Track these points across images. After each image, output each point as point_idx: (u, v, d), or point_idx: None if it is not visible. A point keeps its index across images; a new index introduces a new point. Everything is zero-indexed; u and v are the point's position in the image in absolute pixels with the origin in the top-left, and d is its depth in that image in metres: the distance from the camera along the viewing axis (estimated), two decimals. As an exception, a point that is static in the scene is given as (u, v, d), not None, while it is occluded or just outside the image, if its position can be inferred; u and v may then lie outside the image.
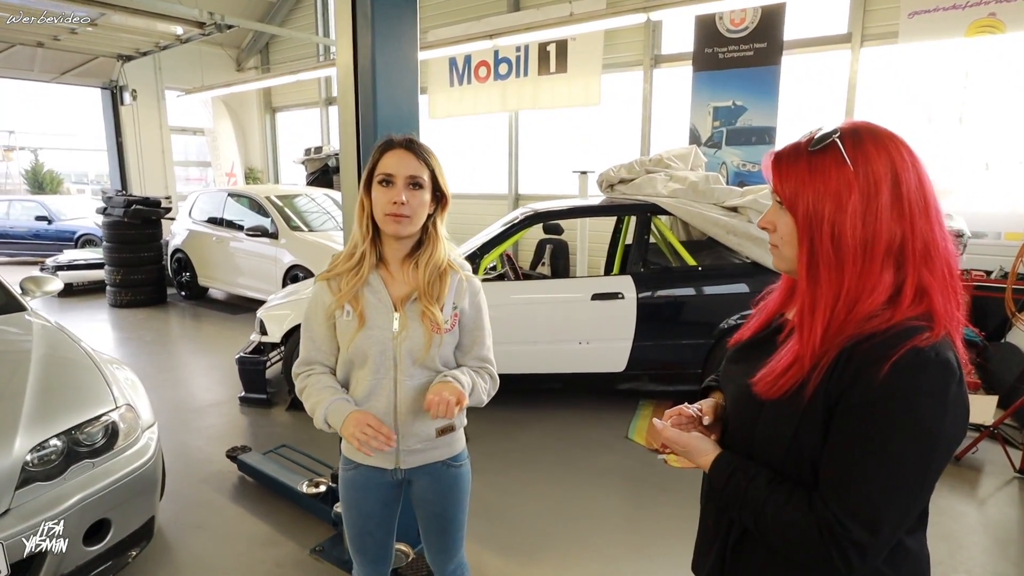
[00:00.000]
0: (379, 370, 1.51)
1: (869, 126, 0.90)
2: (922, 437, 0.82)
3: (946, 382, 0.82)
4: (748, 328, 1.10)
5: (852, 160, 0.87)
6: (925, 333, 0.83)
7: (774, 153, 0.95)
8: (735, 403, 1.04)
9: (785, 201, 0.93)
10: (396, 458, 1.57)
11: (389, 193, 1.43)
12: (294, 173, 11.39)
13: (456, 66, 8.63)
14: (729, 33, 6.51)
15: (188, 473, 3.37)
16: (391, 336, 1.49)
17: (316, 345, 1.56)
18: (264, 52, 11.59)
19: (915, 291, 0.87)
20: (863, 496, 0.83)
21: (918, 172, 0.88)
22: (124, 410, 2.36)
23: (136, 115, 10.04)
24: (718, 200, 4.22)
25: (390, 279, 1.53)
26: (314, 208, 7.37)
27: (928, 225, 0.87)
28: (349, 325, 1.50)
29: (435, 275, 1.51)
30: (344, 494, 1.66)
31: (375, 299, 1.50)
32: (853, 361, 0.85)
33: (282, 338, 4.25)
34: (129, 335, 6.40)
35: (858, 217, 0.86)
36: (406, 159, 1.45)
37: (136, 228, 7.53)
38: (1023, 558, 2.71)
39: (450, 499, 1.66)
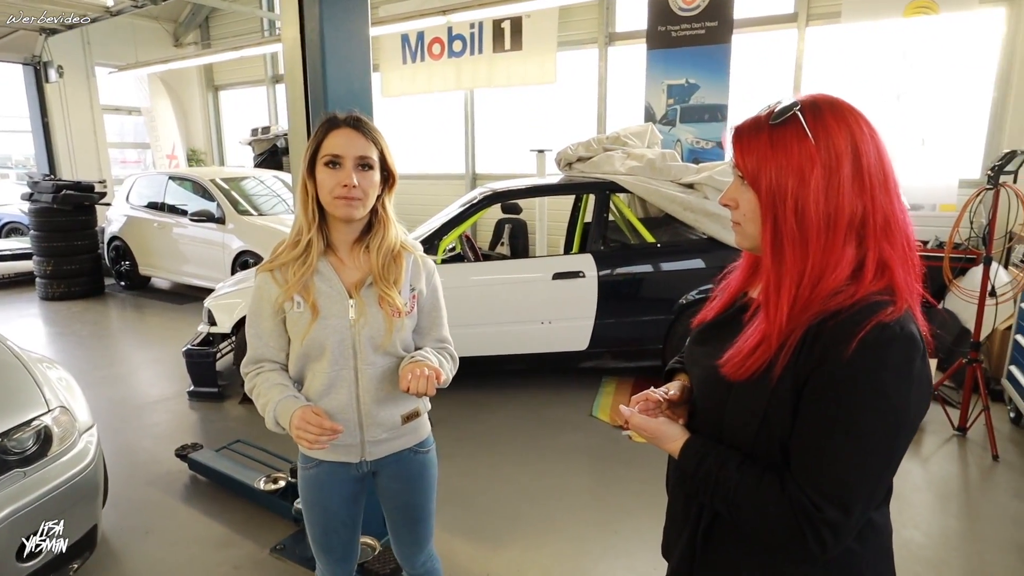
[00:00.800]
0: (338, 361, 1.44)
1: (828, 99, 0.88)
2: (889, 413, 0.81)
3: (911, 356, 0.82)
4: (712, 308, 1.08)
5: (813, 133, 0.85)
6: (889, 308, 0.83)
7: (735, 128, 0.92)
8: (702, 385, 1.02)
9: (747, 176, 0.90)
10: (361, 450, 1.51)
11: (338, 175, 1.35)
12: (240, 155, 10.93)
13: (409, 43, 8.38)
14: (681, 12, 6.52)
15: (133, 475, 3.20)
16: (348, 324, 1.42)
17: (264, 342, 1.47)
18: (204, 26, 11.00)
19: (876, 265, 0.86)
20: (834, 476, 0.82)
21: (877, 145, 0.87)
22: (58, 413, 2.20)
23: (64, 93, 9.39)
24: (675, 177, 4.23)
25: (340, 265, 1.45)
26: (263, 191, 7.08)
27: (888, 198, 0.87)
28: (301, 317, 1.42)
29: (389, 258, 1.45)
30: (305, 494, 1.58)
31: (327, 287, 1.43)
32: (820, 339, 0.83)
33: (232, 328, 4.07)
34: (63, 330, 6.04)
35: (821, 192, 0.85)
36: (354, 138, 1.37)
37: (67, 215, 7.08)
38: (964, 511, 2.86)
39: (418, 487, 1.60)
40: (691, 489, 0.98)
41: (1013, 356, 3.63)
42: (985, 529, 2.71)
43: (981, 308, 3.42)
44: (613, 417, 3.83)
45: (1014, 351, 3.62)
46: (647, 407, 1.06)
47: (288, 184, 7.30)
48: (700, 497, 0.96)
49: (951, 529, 2.71)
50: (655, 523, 1.17)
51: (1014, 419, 3.66)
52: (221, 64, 10.66)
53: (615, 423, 3.75)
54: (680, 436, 0.99)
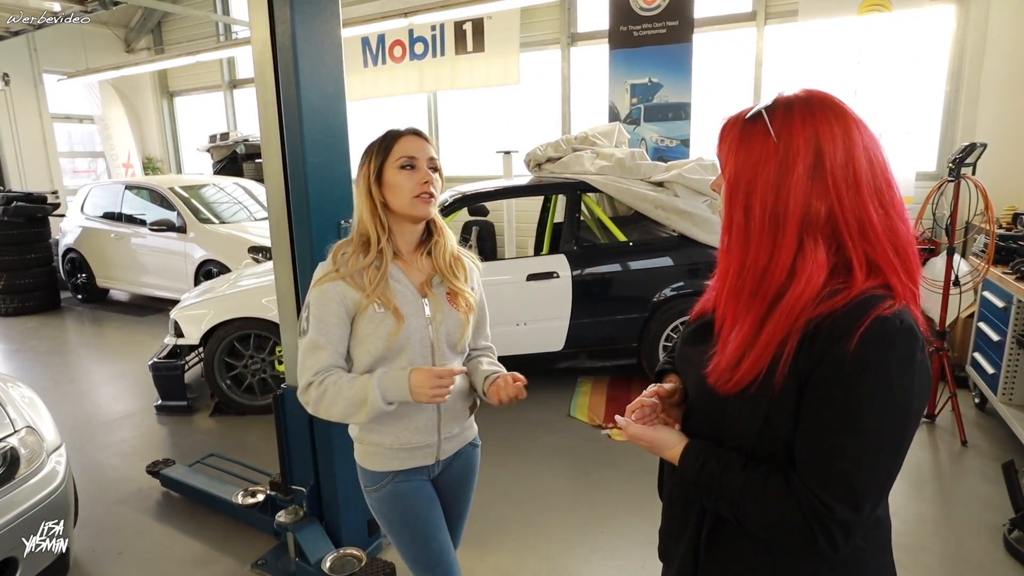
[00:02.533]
0: (415, 360, 1.46)
1: (808, 98, 0.88)
2: (895, 407, 0.81)
3: (912, 349, 0.82)
4: (708, 301, 1.06)
5: (776, 132, 0.86)
6: (887, 301, 0.82)
7: (724, 119, 0.95)
8: (697, 390, 1.00)
9: (721, 166, 0.94)
10: (437, 450, 1.54)
11: (415, 175, 1.42)
12: (198, 162, 10.63)
13: (370, 46, 8.29)
14: (642, 11, 6.60)
15: (103, 495, 3.09)
16: (426, 322, 1.47)
17: (333, 348, 1.42)
18: (157, 32, 10.67)
19: (866, 266, 0.86)
20: (843, 474, 0.82)
21: (848, 146, 0.86)
22: (24, 433, 2.12)
23: (10, 102, 9.01)
24: (644, 175, 4.29)
25: (407, 268, 1.50)
26: (224, 198, 6.91)
27: (859, 200, 0.86)
28: (383, 322, 1.41)
29: (451, 257, 1.53)
30: (392, 512, 1.52)
31: (401, 288, 1.47)
32: (819, 338, 0.83)
33: (201, 339, 3.96)
34: (18, 346, 5.79)
35: (770, 188, 0.86)
36: (421, 143, 1.46)
37: (19, 227, 6.81)
38: (938, 496, 2.96)
39: (470, 482, 1.67)
40: (694, 494, 0.97)
41: (976, 343, 3.77)
42: (959, 513, 2.81)
43: (946, 298, 3.53)
44: (591, 417, 3.85)
45: (977, 338, 3.76)
46: (643, 414, 1.04)
47: (249, 191, 7.15)
48: (704, 502, 0.95)
49: (927, 514, 2.79)
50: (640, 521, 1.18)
51: (979, 404, 3.80)
52: (176, 70, 10.36)
53: (593, 423, 3.77)
54: (679, 442, 0.97)
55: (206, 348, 3.97)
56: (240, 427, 3.87)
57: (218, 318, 3.93)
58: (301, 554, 2.35)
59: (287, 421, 2.40)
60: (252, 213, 6.75)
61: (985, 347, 3.62)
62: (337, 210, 2.22)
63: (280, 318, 2.38)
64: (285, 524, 2.39)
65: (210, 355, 3.95)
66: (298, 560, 2.37)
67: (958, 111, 5.50)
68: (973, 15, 5.27)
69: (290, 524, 2.38)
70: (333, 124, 2.17)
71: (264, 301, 3.83)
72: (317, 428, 2.36)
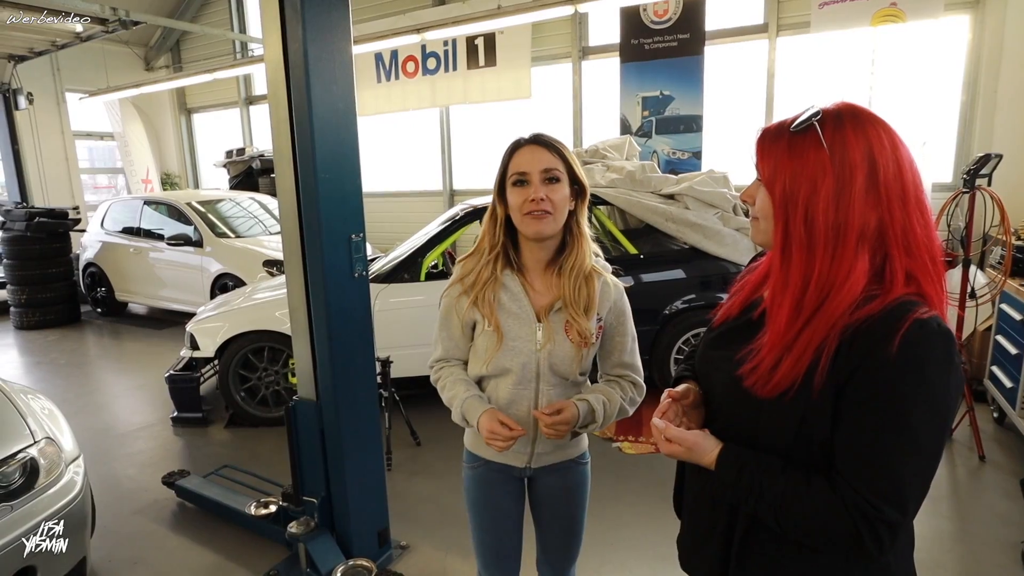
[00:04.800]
0: (520, 382, 1.45)
1: (853, 109, 0.90)
2: (937, 407, 0.83)
3: (950, 351, 0.83)
4: (732, 306, 1.07)
5: (829, 144, 0.87)
6: (923, 307, 0.84)
7: (760, 130, 0.95)
8: (727, 393, 1.00)
9: (764, 180, 0.93)
10: (529, 457, 1.54)
11: (525, 191, 1.37)
12: (215, 177, 10.82)
13: (383, 62, 8.41)
14: (653, 24, 6.65)
15: (120, 505, 3.13)
16: (535, 349, 1.43)
17: (454, 343, 1.53)
18: (175, 50, 10.92)
19: (904, 275, 0.87)
20: (891, 475, 0.83)
21: (898, 159, 0.88)
22: (44, 444, 2.16)
23: (34, 120, 9.24)
24: (655, 188, 4.30)
25: (531, 288, 1.45)
26: (240, 213, 7.02)
27: (905, 212, 0.88)
28: (488, 339, 1.45)
29: (580, 280, 1.42)
30: (473, 493, 1.61)
31: (516, 308, 1.44)
32: (858, 341, 0.84)
33: (216, 352, 4.02)
34: (40, 359, 5.90)
35: (831, 201, 0.87)
36: (538, 153, 1.40)
37: (41, 243, 6.96)
38: (955, 512, 2.90)
39: (576, 497, 1.62)
40: (732, 499, 0.97)
41: (994, 356, 3.70)
42: (976, 529, 2.75)
43: (962, 310, 3.49)
44: (602, 429, 3.83)
45: (995, 352, 3.68)
46: (675, 414, 1.04)
47: (265, 205, 7.25)
48: (744, 506, 0.95)
49: (943, 531, 2.74)
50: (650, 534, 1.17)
51: (997, 419, 3.73)
52: (193, 87, 10.58)
53: (604, 435, 3.76)
54: (714, 447, 0.97)
55: (221, 360, 4.02)
56: (254, 438, 3.91)
57: (233, 331, 3.98)
58: (312, 565, 2.37)
59: (299, 433, 2.43)
60: (267, 227, 6.84)
61: (1003, 360, 3.55)
62: (348, 225, 2.25)
63: (292, 331, 2.41)
64: (296, 535, 2.40)
65: (225, 367, 3.99)
66: (309, 571, 2.38)
67: (974, 121, 5.45)
68: (989, 24, 5.24)
69: (301, 535, 2.40)
70: (344, 140, 2.21)
71: (277, 314, 3.87)
72: (328, 440, 2.39)
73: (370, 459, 2.47)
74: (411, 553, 2.66)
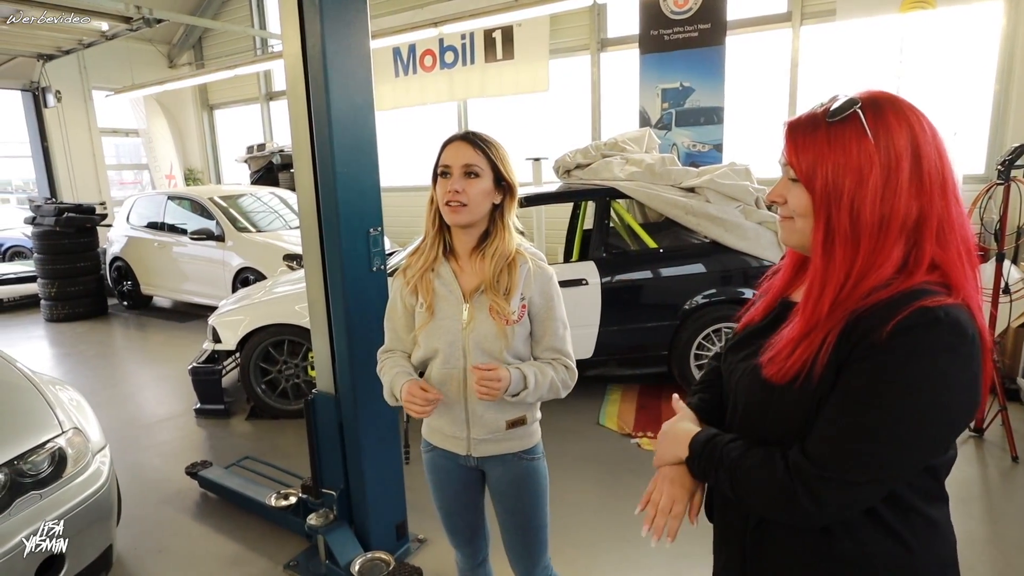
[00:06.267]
0: (448, 360, 1.53)
1: (889, 96, 0.87)
2: (915, 398, 0.79)
3: (953, 344, 0.79)
4: (756, 312, 1.05)
5: (873, 132, 0.83)
6: (938, 295, 0.81)
7: (788, 123, 0.90)
8: (744, 387, 0.99)
9: (800, 174, 0.88)
10: (467, 445, 1.59)
11: (446, 183, 1.47)
12: (237, 172, 10.95)
13: (401, 56, 8.43)
14: (673, 15, 6.55)
15: (145, 494, 3.19)
16: (460, 327, 1.51)
17: (396, 334, 1.63)
18: (198, 47, 11.06)
19: (928, 264, 0.85)
20: (842, 444, 0.82)
21: (938, 146, 0.85)
22: (71, 434, 2.20)
23: (62, 117, 9.44)
24: (675, 181, 4.25)
25: (460, 271, 1.55)
26: (261, 208, 7.10)
27: (945, 202, 0.85)
28: (420, 316, 1.55)
29: (502, 266, 1.51)
30: (427, 475, 1.72)
31: (446, 291, 1.53)
32: (860, 324, 0.82)
33: (237, 345, 4.07)
34: (69, 351, 6.04)
35: (878, 193, 0.83)
36: (462, 149, 1.48)
37: (70, 237, 7.11)
38: (987, 515, 2.83)
39: (525, 492, 1.63)
40: (696, 469, 0.98)
41: (1026, 353, 3.61)
42: (1009, 532, 2.68)
43: (995, 305, 3.40)
44: (621, 425, 3.82)
45: (1027, 348, 3.60)
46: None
47: (285, 200, 7.32)
48: (706, 477, 0.97)
49: (974, 533, 2.67)
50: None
51: (1030, 417, 3.63)
52: (215, 83, 10.70)
53: (623, 431, 3.74)
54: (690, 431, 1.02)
55: (242, 353, 4.08)
56: (274, 430, 3.96)
57: (253, 324, 4.03)
58: (331, 557, 2.39)
59: (318, 425, 2.45)
60: (287, 222, 6.91)
61: (1036, 356, 3.46)
62: (366, 219, 2.26)
63: (311, 324, 2.43)
64: (315, 527, 2.43)
65: (246, 360, 4.05)
66: (328, 563, 2.41)
67: (1008, 111, 5.29)
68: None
69: (320, 527, 2.43)
70: (362, 135, 2.21)
71: (297, 308, 3.91)
72: (347, 432, 2.40)
73: (388, 452, 2.49)
74: (428, 547, 2.67)
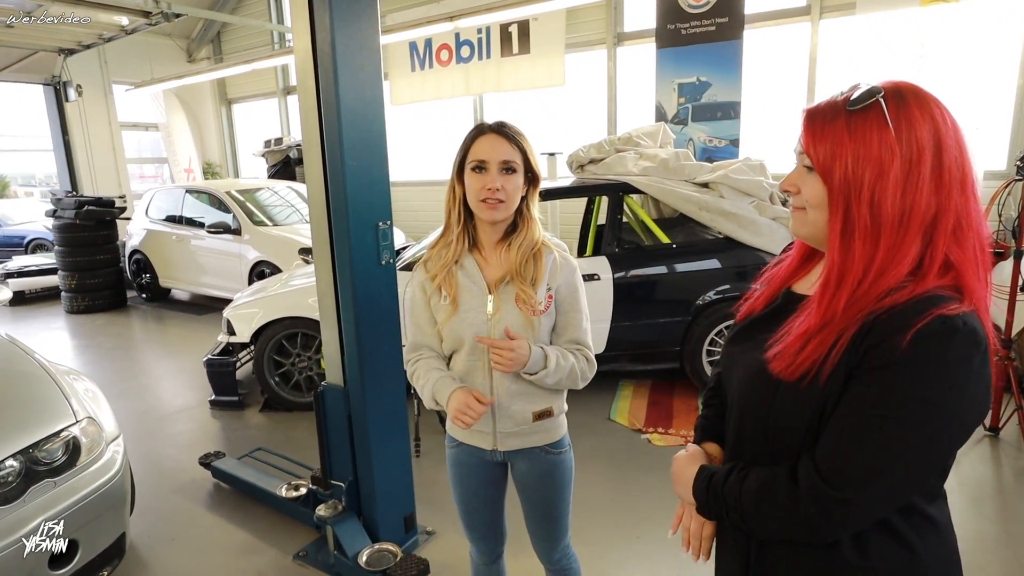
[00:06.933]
0: (473, 352, 1.51)
1: (912, 87, 0.84)
2: (936, 409, 0.78)
3: (969, 354, 0.77)
4: (757, 301, 1.03)
5: (895, 123, 0.81)
6: (953, 303, 0.79)
7: (807, 110, 0.88)
8: (745, 385, 0.97)
9: (817, 163, 0.86)
10: (494, 439, 1.58)
11: (483, 179, 1.44)
12: (254, 166, 11.05)
13: (417, 50, 8.43)
14: (690, 8, 6.48)
15: (160, 484, 3.25)
16: (485, 319, 1.49)
17: (422, 330, 1.59)
18: (216, 42, 11.16)
19: (941, 264, 0.82)
20: (859, 459, 0.80)
21: (959, 141, 0.83)
22: (85, 423, 2.24)
23: (83, 112, 9.58)
24: (689, 176, 4.21)
25: (484, 263, 1.54)
26: (277, 202, 7.16)
27: (963, 198, 0.83)
28: (444, 310, 1.52)
29: (528, 256, 1.50)
30: (449, 470, 1.71)
31: (469, 282, 1.51)
32: (874, 330, 0.80)
33: (251, 337, 4.11)
34: (88, 342, 6.15)
35: (899, 186, 0.81)
36: (499, 144, 1.46)
37: (90, 230, 7.23)
38: (1000, 515, 2.78)
39: (549, 486, 1.64)
40: (709, 516, 0.97)
41: (1044, 350, 3.54)
42: (1022, 532, 2.64)
43: (1012, 304, 3.34)
44: (631, 421, 3.80)
45: (1045, 346, 3.53)
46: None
47: (301, 194, 7.37)
48: (723, 520, 0.95)
49: (986, 533, 2.64)
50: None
51: (1046, 416, 3.56)
52: (233, 78, 10.80)
53: (634, 427, 3.72)
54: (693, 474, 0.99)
55: (256, 346, 4.12)
56: (287, 422, 4.00)
57: (267, 317, 4.07)
58: (339, 547, 2.42)
59: (327, 418, 2.47)
60: (303, 216, 6.96)
61: (1057, 356, 3.39)
62: (375, 212, 2.27)
63: (321, 316, 2.45)
64: (324, 518, 2.45)
65: (260, 353, 4.09)
66: (336, 553, 2.43)
67: (1031, 106, 5.17)
68: (1048, 3, 4.94)
69: (329, 518, 2.45)
70: (371, 128, 2.21)
71: (310, 301, 3.94)
72: (355, 425, 2.42)
73: (396, 445, 2.50)
74: (437, 539, 2.68)
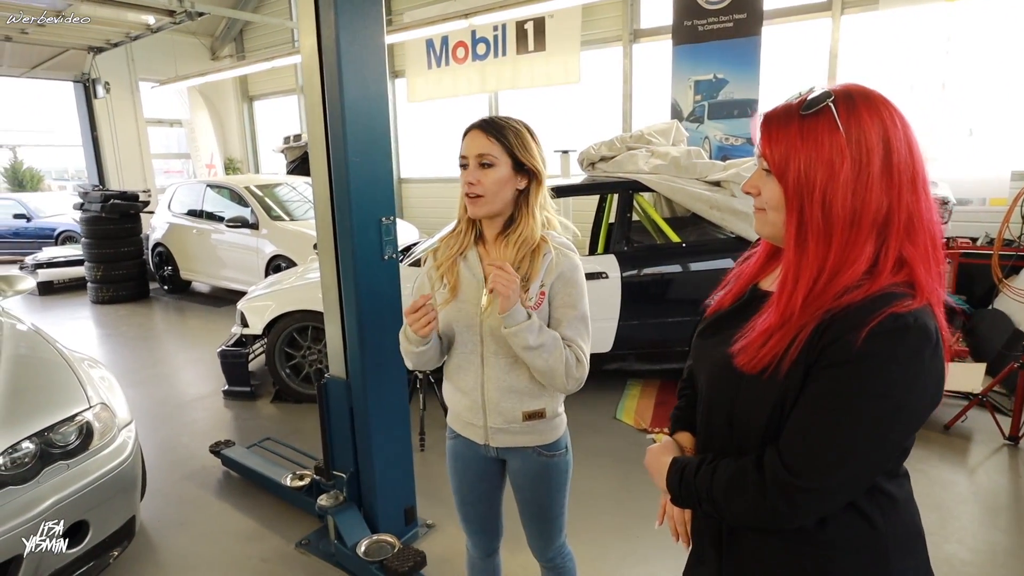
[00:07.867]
0: (467, 344, 1.53)
1: (862, 90, 0.87)
2: (888, 402, 0.81)
3: (920, 348, 0.80)
4: (726, 297, 1.07)
5: (845, 126, 0.84)
6: (906, 300, 0.82)
7: (764, 115, 0.91)
8: (712, 379, 1.01)
9: (773, 166, 0.89)
10: (485, 434, 1.58)
11: (464, 175, 1.47)
12: (274, 162, 11.22)
13: (433, 48, 8.49)
14: (708, 4, 6.42)
15: (172, 469, 3.34)
16: (478, 311, 1.50)
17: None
18: (239, 39, 11.35)
19: (895, 262, 0.85)
20: (816, 450, 0.83)
21: (909, 140, 0.85)
22: (99, 409, 2.32)
23: (111, 108, 9.82)
24: (700, 175, 4.18)
25: (486, 256, 1.55)
26: (295, 197, 7.26)
27: (914, 196, 0.85)
28: (443, 296, 1.54)
29: (525, 253, 1.49)
30: (448, 461, 1.72)
31: (469, 274, 1.53)
32: (832, 327, 0.83)
33: (264, 329, 4.20)
34: (111, 332, 6.32)
35: (849, 187, 0.84)
36: (477, 138, 1.47)
37: (115, 223, 7.41)
38: (1014, 526, 2.72)
39: (542, 487, 1.63)
40: (682, 505, 1.01)
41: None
42: (1034, 543, 2.58)
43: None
44: (637, 420, 3.80)
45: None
46: None
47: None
48: (697, 509, 0.99)
49: (999, 545, 2.58)
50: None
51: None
52: (255, 75, 10.98)
53: (639, 427, 3.72)
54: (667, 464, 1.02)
55: (268, 338, 4.20)
56: (296, 413, 4.08)
57: (279, 310, 4.15)
58: (339, 537, 2.46)
59: (330, 410, 2.52)
60: (320, 211, 7.04)
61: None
62: (378, 207, 2.30)
63: (324, 311, 2.50)
64: (326, 508, 2.50)
65: (271, 345, 4.17)
66: (337, 543, 2.48)
67: (1058, 104, 5.03)
68: (1078, -2, 4.81)
69: (330, 508, 2.50)
70: (375, 124, 2.25)
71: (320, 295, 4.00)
72: (357, 417, 2.46)
73: (397, 437, 2.54)
74: (436, 532, 2.72)
